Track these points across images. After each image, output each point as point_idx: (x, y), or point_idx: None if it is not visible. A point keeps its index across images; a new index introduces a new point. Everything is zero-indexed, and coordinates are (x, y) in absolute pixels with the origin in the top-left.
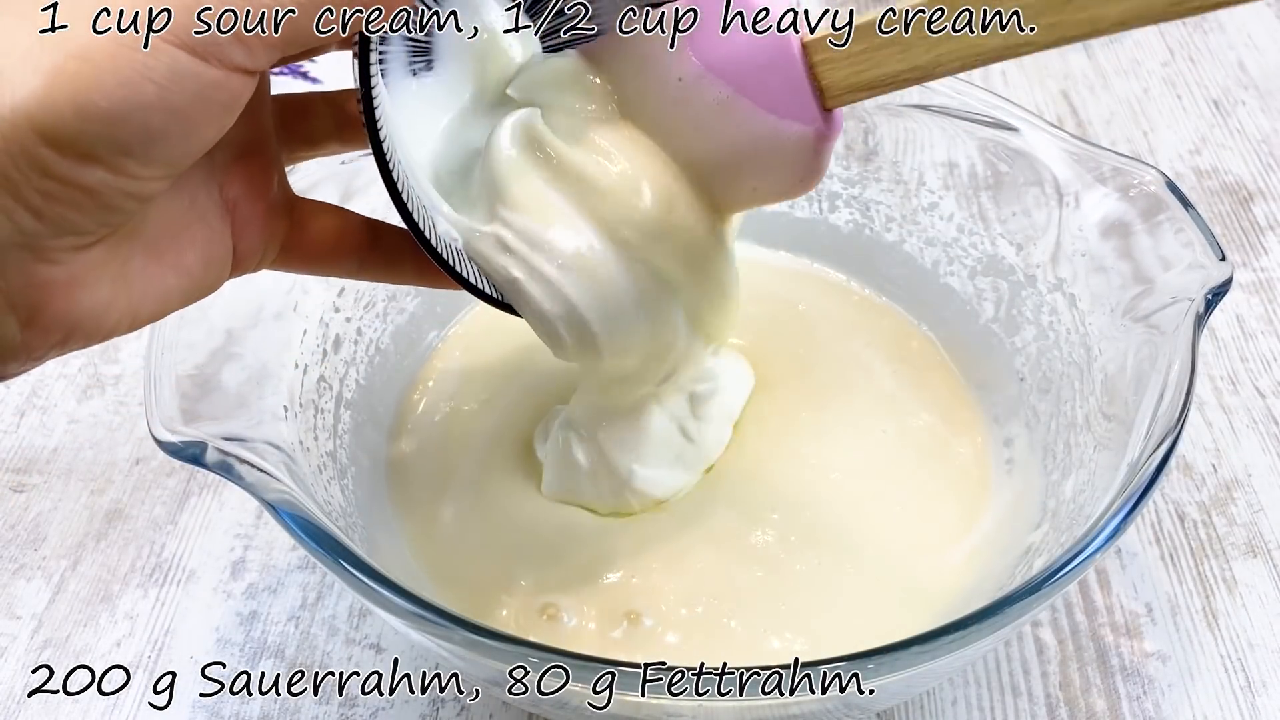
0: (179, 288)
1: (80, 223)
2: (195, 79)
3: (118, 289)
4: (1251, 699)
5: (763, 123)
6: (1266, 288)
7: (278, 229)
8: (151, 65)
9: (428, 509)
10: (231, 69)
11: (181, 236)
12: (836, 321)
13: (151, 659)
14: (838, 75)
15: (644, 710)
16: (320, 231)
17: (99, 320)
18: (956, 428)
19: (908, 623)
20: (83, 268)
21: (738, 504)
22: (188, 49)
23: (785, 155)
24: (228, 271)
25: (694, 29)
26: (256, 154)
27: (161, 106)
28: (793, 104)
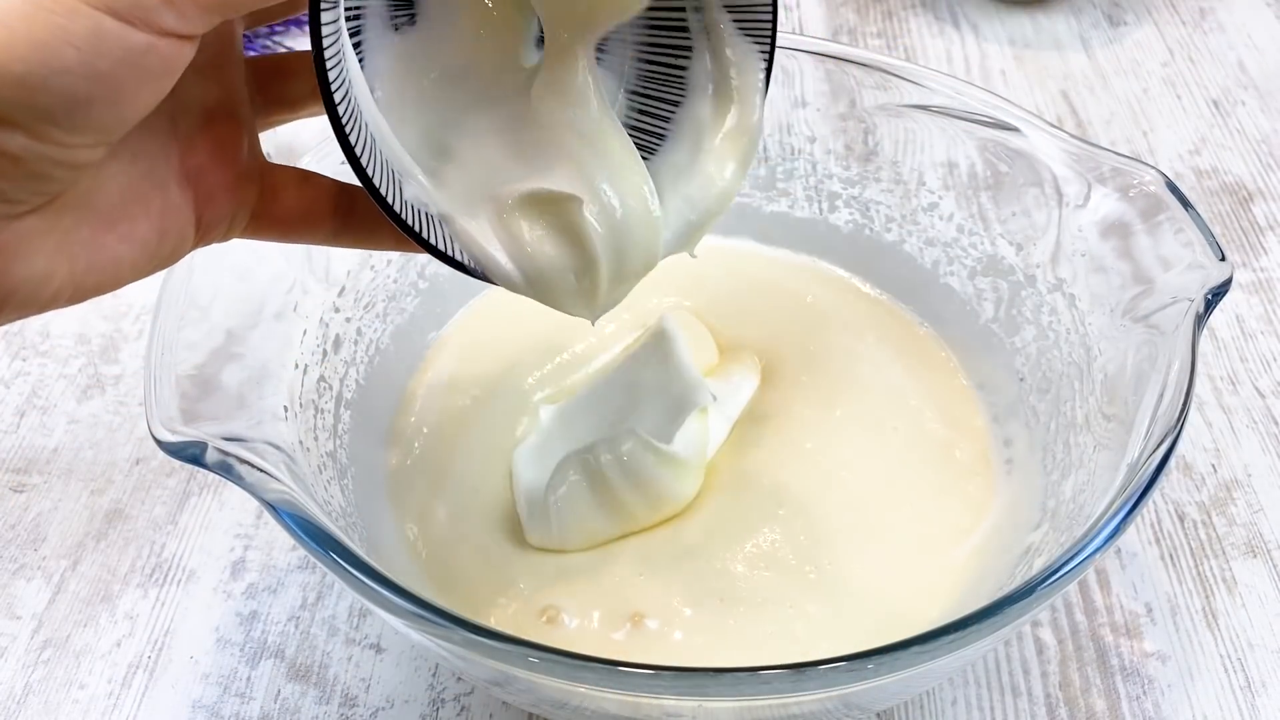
0: (130, 259)
1: (6, 191)
2: (120, 43)
3: (57, 260)
4: (1251, 699)
5: None
6: (1266, 288)
7: (247, 197)
8: (70, 29)
9: (425, 509)
10: (161, 33)
11: (134, 206)
12: (846, 316)
13: (151, 659)
14: None
15: (644, 710)
16: (293, 199)
17: (35, 291)
18: (962, 427)
19: (916, 622)
20: (15, 237)
21: (745, 503)
22: (111, 11)
23: None
24: (190, 242)
25: None
26: (225, 119)
27: (84, 72)
28: None
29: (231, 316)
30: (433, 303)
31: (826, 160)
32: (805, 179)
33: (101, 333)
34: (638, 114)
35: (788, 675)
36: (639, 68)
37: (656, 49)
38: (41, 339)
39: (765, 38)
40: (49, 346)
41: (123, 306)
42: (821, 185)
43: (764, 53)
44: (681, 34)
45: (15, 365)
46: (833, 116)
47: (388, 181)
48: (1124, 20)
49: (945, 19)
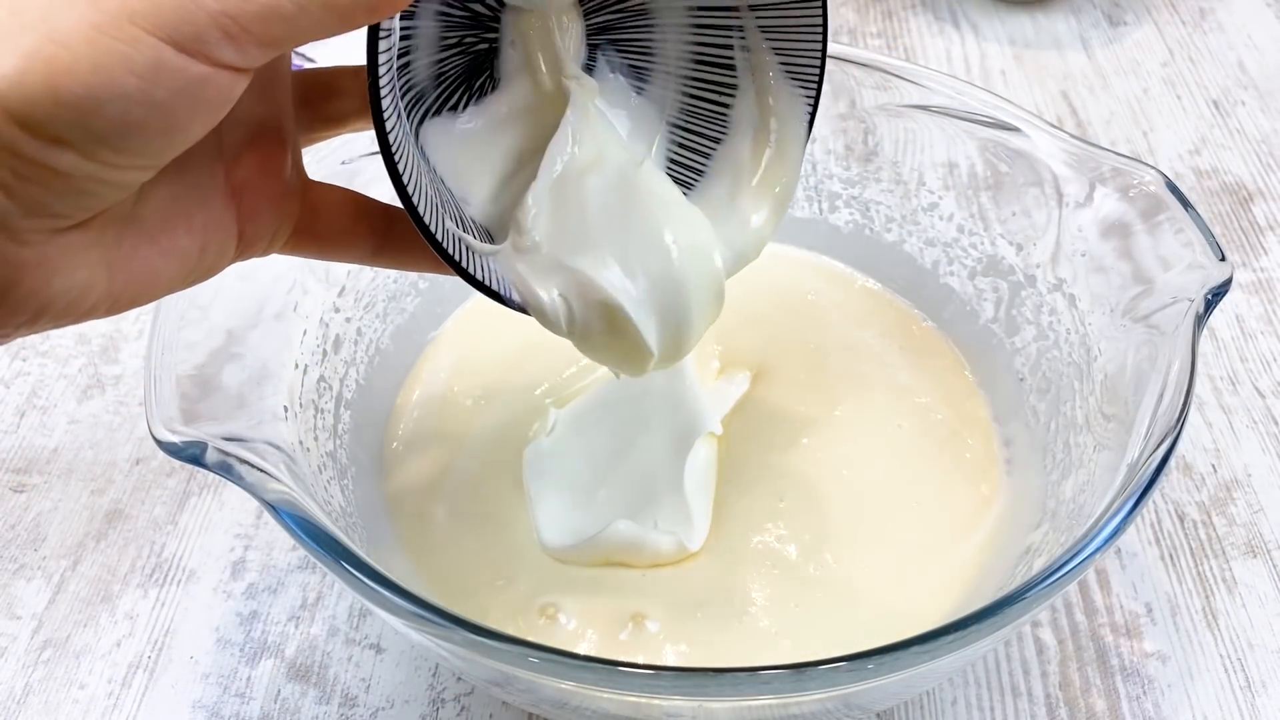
0: (170, 272)
1: (53, 205)
2: (179, 74)
3: (97, 272)
4: (1251, 699)
5: None
6: (1266, 288)
7: (289, 212)
8: (133, 57)
9: (426, 508)
10: (219, 66)
11: (176, 220)
12: (848, 310)
13: (152, 659)
14: None
15: (644, 710)
16: (335, 216)
17: (74, 303)
18: (969, 423)
19: (921, 621)
20: (58, 250)
21: (749, 501)
22: (172, 43)
23: None
24: (229, 256)
25: None
26: (271, 135)
27: (141, 100)
28: None
29: (231, 316)
30: (433, 303)
31: (826, 160)
32: (805, 179)
33: (102, 333)
34: (678, 147)
35: (788, 675)
36: (683, 102)
37: (702, 85)
38: (41, 339)
39: (812, 83)
40: (49, 346)
41: None
42: (821, 185)
43: (809, 98)
44: (728, 71)
45: (15, 365)
46: (833, 116)
47: (432, 210)
48: (1124, 20)
49: (945, 19)
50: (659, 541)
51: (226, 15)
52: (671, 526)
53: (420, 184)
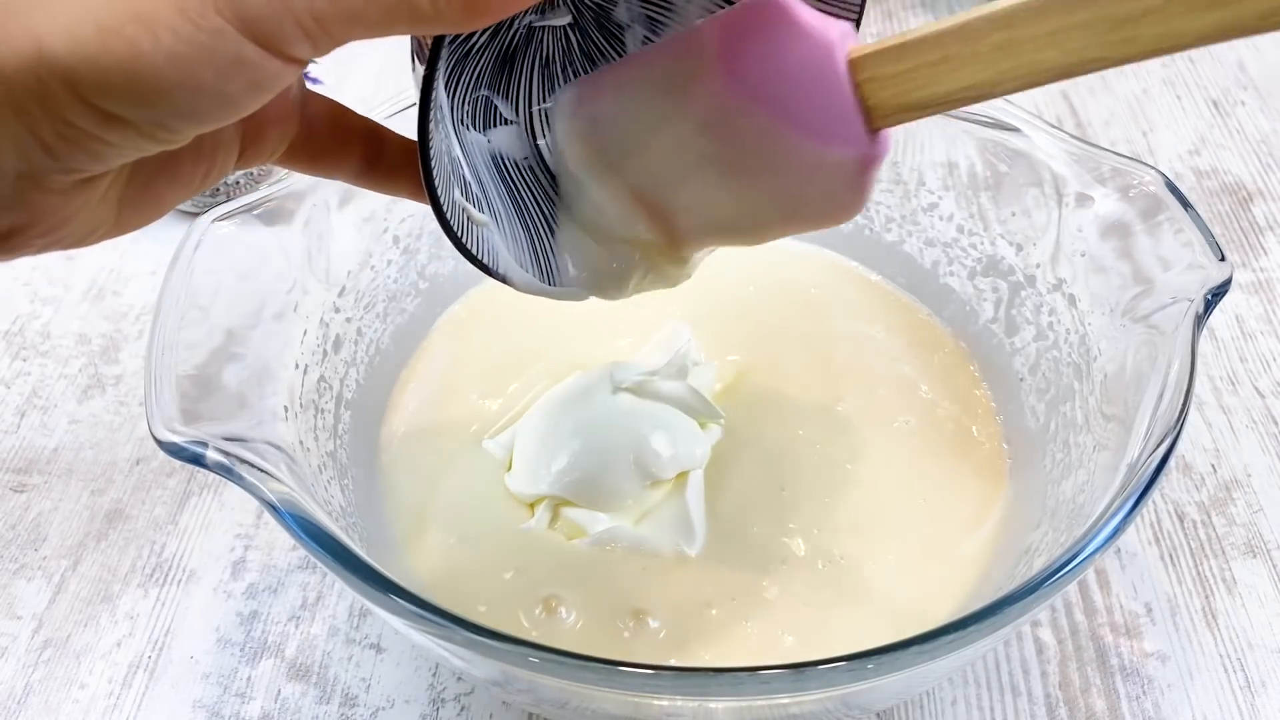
0: (173, 197)
1: (91, 165)
2: (254, 69)
3: (109, 208)
4: (1251, 699)
5: (805, 149)
6: (1266, 288)
7: (290, 131)
8: (215, 51)
9: (423, 506)
10: (290, 60)
11: (187, 154)
12: (850, 304)
13: (152, 659)
14: (886, 94)
15: (644, 710)
16: (327, 131)
17: (83, 237)
18: (976, 418)
19: (928, 618)
20: (80, 196)
21: (750, 489)
22: (254, 38)
23: (827, 182)
24: (228, 172)
25: (729, 45)
26: None
27: (213, 92)
28: (837, 127)
29: (232, 316)
30: (433, 303)
31: None
32: None
33: (102, 333)
34: None
35: (788, 675)
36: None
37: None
38: (42, 339)
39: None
40: (49, 346)
41: (123, 307)
42: None
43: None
44: None
45: (16, 365)
46: None
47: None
48: None
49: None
50: (658, 544)
51: (312, 16)
52: (672, 533)
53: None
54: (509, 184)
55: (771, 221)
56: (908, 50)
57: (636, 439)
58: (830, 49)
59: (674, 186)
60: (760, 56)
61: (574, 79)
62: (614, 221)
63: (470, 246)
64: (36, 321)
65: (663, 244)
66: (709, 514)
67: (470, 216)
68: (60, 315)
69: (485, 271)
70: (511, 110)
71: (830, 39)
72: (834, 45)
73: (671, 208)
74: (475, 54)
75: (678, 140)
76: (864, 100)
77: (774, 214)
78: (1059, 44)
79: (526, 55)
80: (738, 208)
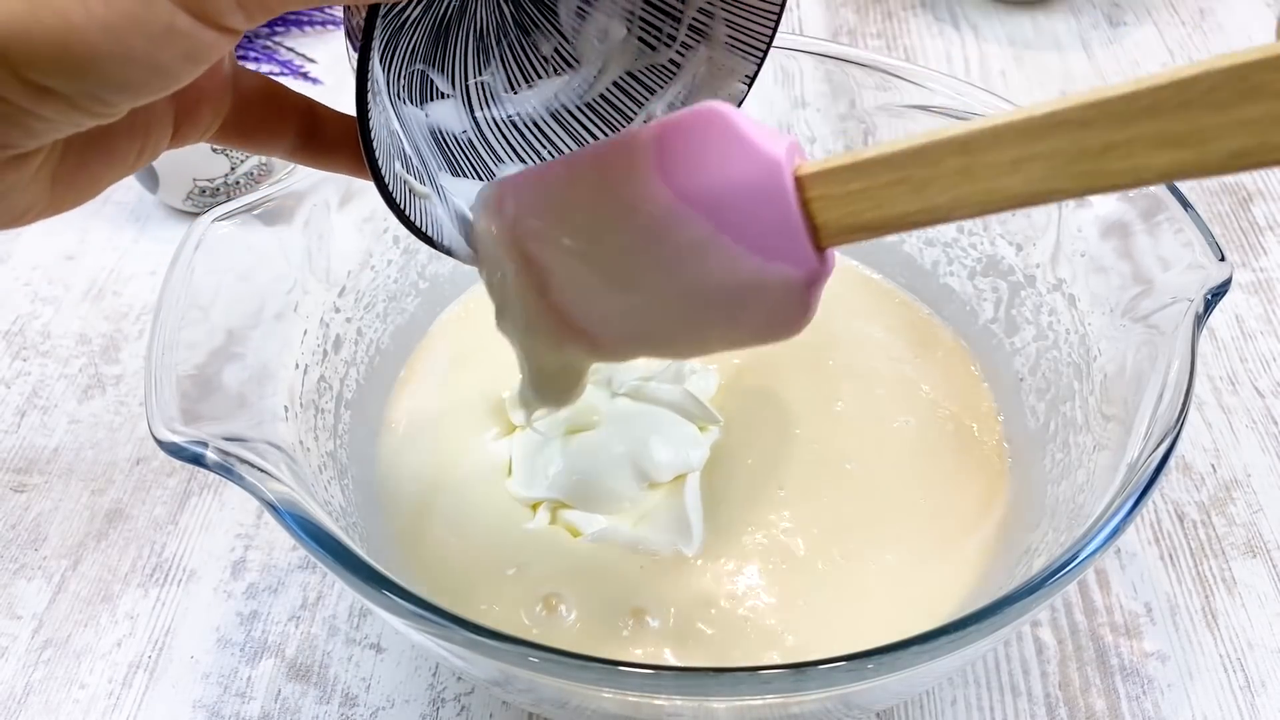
0: (108, 176)
1: (22, 141)
2: (187, 40)
3: (42, 187)
4: (1251, 699)
5: (745, 265)
6: (1266, 288)
7: (223, 107)
8: (146, 21)
9: (426, 505)
10: (223, 30)
11: (119, 127)
12: (851, 305)
13: (152, 659)
14: (835, 214)
15: (644, 710)
16: (260, 107)
17: (15, 218)
18: (976, 418)
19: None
20: (11, 176)
21: (749, 489)
22: (187, 8)
23: (768, 301)
24: (163, 149)
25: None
26: None
27: (145, 63)
28: (781, 245)
29: (232, 316)
30: (433, 303)
31: None
32: None
33: (102, 333)
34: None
35: (788, 675)
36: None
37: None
38: (42, 339)
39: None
40: (50, 346)
41: (123, 307)
42: None
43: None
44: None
45: (16, 365)
46: (833, 117)
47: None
48: (1124, 21)
49: (945, 19)
50: (656, 545)
51: None
52: (670, 534)
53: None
54: (449, 157)
55: (709, 336)
56: (861, 170)
57: (634, 443)
58: (778, 166)
59: (604, 298)
60: (702, 169)
61: (509, 51)
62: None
63: (414, 219)
64: (36, 321)
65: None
66: (708, 514)
67: (412, 189)
68: (60, 315)
69: (429, 244)
70: (448, 84)
71: (777, 156)
72: (780, 162)
73: (600, 319)
74: (409, 27)
75: (614, 250)
76: (811, 218)
77: (712, 329)
78: (1020, 171)
79: (461, 28)
80: (672, 321)
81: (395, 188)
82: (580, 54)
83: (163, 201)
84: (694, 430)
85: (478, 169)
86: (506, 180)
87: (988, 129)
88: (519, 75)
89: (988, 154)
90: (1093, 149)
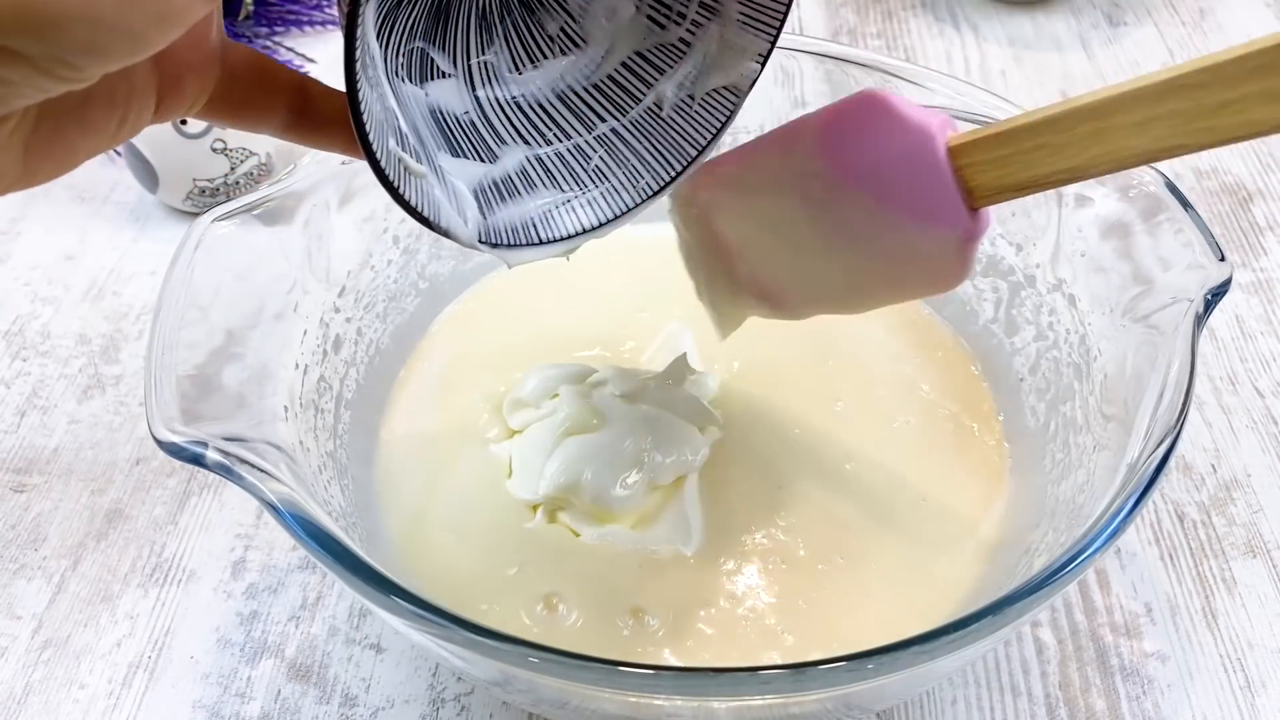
0: (86, 148)
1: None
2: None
3: (14, 157)
4: (1251, 699)
5: (908, 230)
6: (1266, 288)
7: (209, 80)
8: None
9: (423, 505)
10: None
11: (98, 97)
12: None
13: (152, 659)
14: (986, 178)
15: (644, 710)
16: (249, 84)
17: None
18: (976, 418)
19: (928, 618)
20: None
21: (748, 488)
22: None
23: (932, 258)
24: (145, 124)
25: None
26: None
27: (113, 25)
28: (939, 209)
29: (231, 316)
30: (433, 303)
31: None
32: None
33: (102, 333)
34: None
35: (788, 675)
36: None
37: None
38: (42, 339)
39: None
40: (49, 346)
41: (123, 307)
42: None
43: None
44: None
45: (15, 365)
46: None
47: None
48: (1124, 21)
49: (945, 19)
50: (656, 545)
51: None
52: (670, 534)
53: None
54: (450, 138)
55: (879, 295)
56: (1005, 138)
57: (635, 445)
58: (931, 138)
59: (786, 267)
60: (864, 148)
61: (512, 29)
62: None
63: (409, 198)
64: (36, 321)
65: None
66: (708, 513)
67: (407, 167)
68: (60, 315)
69: (425, 224)
70: (449, 63)
71: (930, 129)
72: (934, 135)
73: (782, 285)
74: (407, 3)
75: (792, 225)
76: (964, 183)
77: (881, 288)
78: (1146, 132)
79: (462, 4)
80: (847, 284)
81: (388, 164)
82: (587, 33)
83: (162, 201)
84: (694, 431)
85: (479, 150)
86: (701, 169)
87: (1115, 96)
88: (523, 55)
89: (1116, 117)
90: (1209, 107)
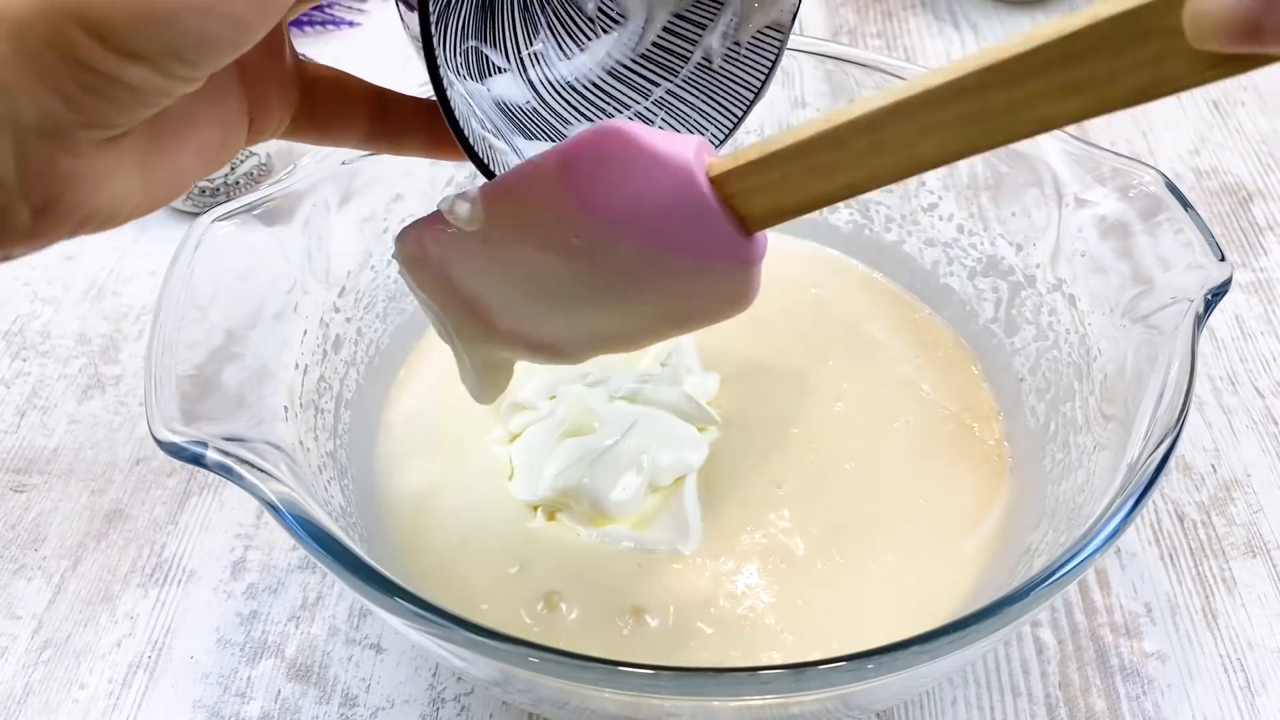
0: (195, 167)
1: (114, 116)
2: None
3: (134, 177)
4: (1251, 699)
5: (681, 268)
6: (1266, 288)
7: (292, 98)
8: None
9: (423, 505)
10: None
11: (201, 116)
12: (851, 304)
13: (152, 659)
14: (758, 205)
15: (644, 710)
16: (330, 99)
17: (115, 211)
18: (976, 418)
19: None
20: (106, 160)
21: (747, 488)
22: None
23: (711, 291)
24: (241, 145)
25: (580, 181)
26: None
27: (223, 12)
28: (710, 242)
29: (231, 316)
30: None
31: None
32: None
33: (102, 333)
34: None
35: (788, 675)
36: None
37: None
38: (42, 339)
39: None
40: (49, 346)
41: (123, 307)
42: None
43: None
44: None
45: (15, 365)
46: None
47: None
48: None
49: (945, 19)
50: (655, 545)
51: None
52: (669, 535)
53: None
54: (519, 125)
55: (663, 331)
56: (773, 162)
57: (634, 446)
58: (689, 172)
59: (554, 319)
60: (618, 189)
61: (554, 17)
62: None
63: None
64: (36, 321)
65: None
66: (708, 513)
67: (492, 145)
68: (60, 315)
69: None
70: (502, 58)
71: (686, 161)
72: (691, 168)
73: (554, 337)
74: (456, 5)
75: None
76: (735, 211)
77: (664, 325)
78: (931, 137)
79: (504, 1)
80: (625, 327)
81: (478, 145)
82: (624, 7)
83: None
84: (693, 431)
85: (548, 132)
86: (421, 225)
87: (888, 106)
88: (568, 40)
89: (894, 129)
90: (998, 108)
